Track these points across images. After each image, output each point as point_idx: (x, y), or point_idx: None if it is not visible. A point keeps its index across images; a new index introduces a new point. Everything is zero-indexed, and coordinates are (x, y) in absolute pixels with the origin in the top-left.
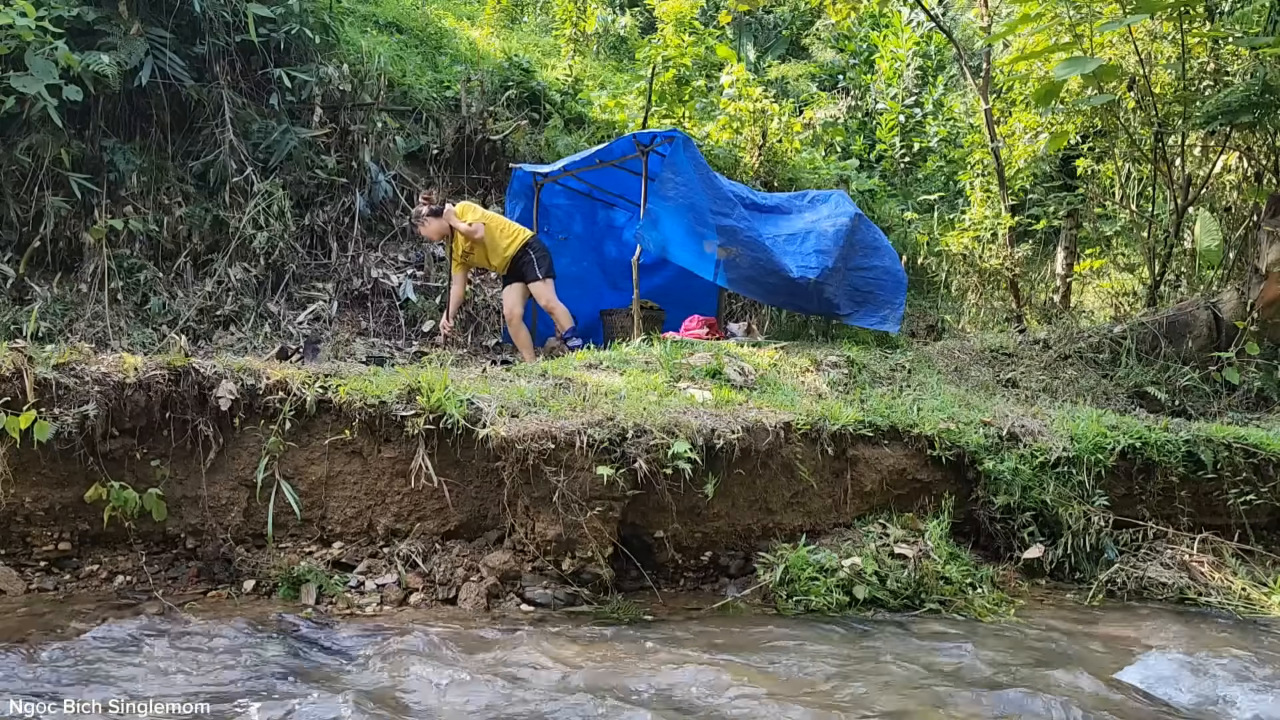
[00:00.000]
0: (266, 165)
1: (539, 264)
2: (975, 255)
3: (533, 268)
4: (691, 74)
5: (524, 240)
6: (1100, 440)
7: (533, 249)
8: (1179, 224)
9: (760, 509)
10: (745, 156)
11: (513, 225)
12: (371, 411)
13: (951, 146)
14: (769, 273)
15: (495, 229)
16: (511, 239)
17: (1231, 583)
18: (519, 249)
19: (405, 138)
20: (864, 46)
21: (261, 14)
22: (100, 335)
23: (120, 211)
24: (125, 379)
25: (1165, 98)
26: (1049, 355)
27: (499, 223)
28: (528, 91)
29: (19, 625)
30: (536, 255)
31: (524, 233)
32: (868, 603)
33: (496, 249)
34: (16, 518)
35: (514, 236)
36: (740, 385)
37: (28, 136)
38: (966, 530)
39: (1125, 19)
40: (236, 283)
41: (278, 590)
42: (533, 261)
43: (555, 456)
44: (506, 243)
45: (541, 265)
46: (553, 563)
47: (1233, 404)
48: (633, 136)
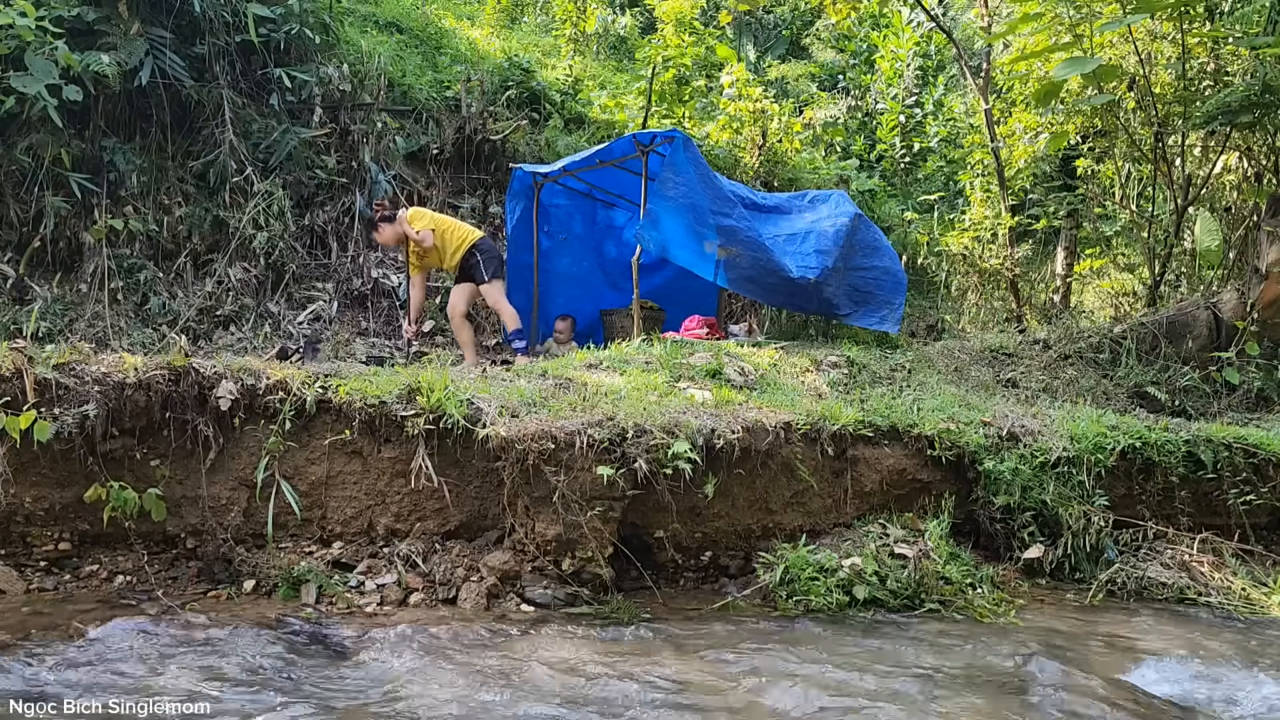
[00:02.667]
0: (266, 165)
1: (486, 265)
2: (975, 255)
3: (479, 269)
4: (691, 74)
5: (472, 242)
6: (1100, 440)
7: (480, 250)
8: (1179, 224)
9: (760, 509)
10: (745, 156)
11: (462, 227)
12: (371, 411)
13: (951, 147)
14: (769, 273)
15: (444, 232)
16: (460, 241)
17: (1231, 583)
18: (467, 251)
19: (405, 138)
20: (864, 46)
21: (261, 14)
22: (100, 335)
23: (120, 211)
24: (125, 379)
25: (1165, 98)
26: (1049, 355)
27: (448, 225)
28: (528, 91)
29: (19, 625)
30: (484, 257)
31: (473, 234)
32: (868, 603)
33: (447, 251)
34: (16, 518)
35: (463, 239)
36: (740, 385)
37: (28, 136)
38: (966, 530)
39: (1125, 19)
40: (236, 283)
41: (278, 590)
42: (479, 263)
43: (555, 456)
44: (456, 245)
45: (488, 266)
46: (553, 563)
47: (1233, 404)
48: (633, 136)
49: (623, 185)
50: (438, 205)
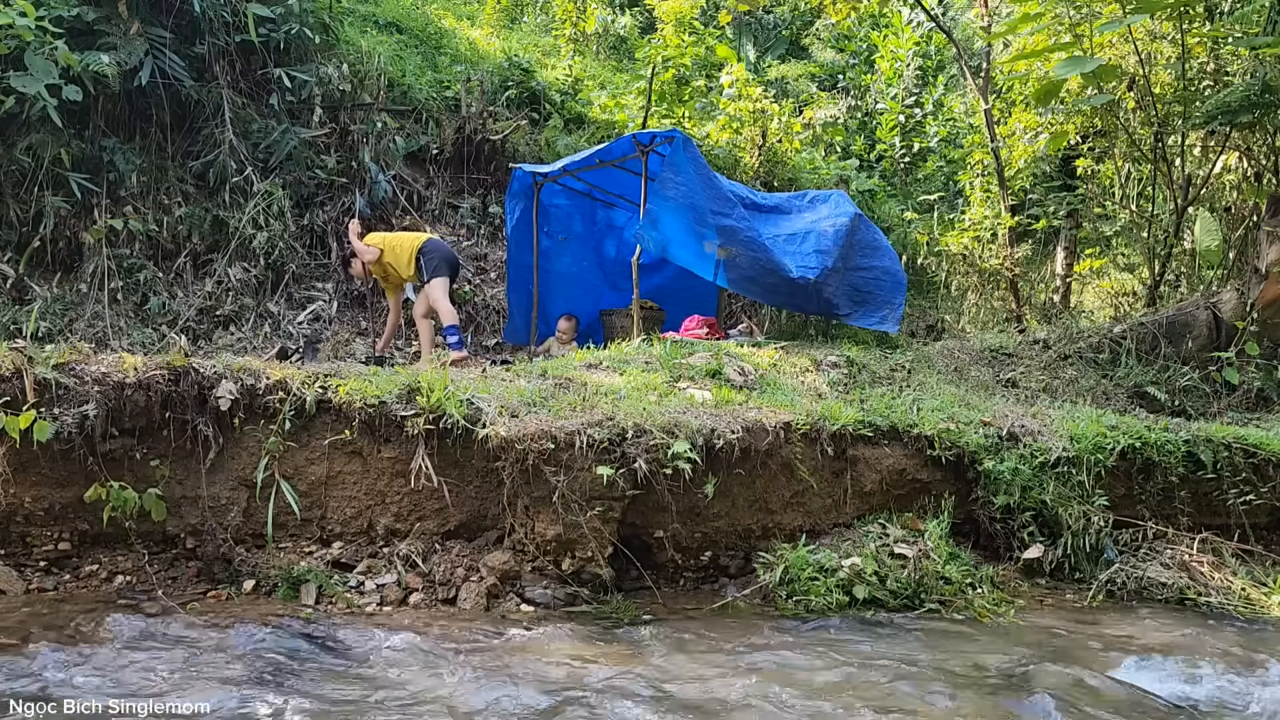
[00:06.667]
0: (266, 165)
1: (426, 265)
2: (975, 255)
3: (421, 271)
4: (691, 74)
5: (417, 247)
6: (1100, 440)
7: (423, 253)
8: (1179, 224)
9: (760, 509)
10: (745, 156)
11: (412, 236)
12: (371, 411)
13: (951, 146)
14: (769, 273)
15: (394, 247)
16: (411, 250)
17: (1231, 583)
18: (415, 255)
19: (405, 138)
20: (864, 46)
21: (261, 14)
22: (100, 335)
23: (120, 211)
24: (125, 379)
25: (1165, 98)
26: (1049, 355)
27: (398, 239)
28: (528, 91)
29: (19, 625)
30: (425, 258)
31: (420, 239)
32: (867, 603)
33: (400, 263)
34: (16, 518)
35: (412, 247)
36: (740, 385)
37: (27, 136)
38: (966, 530)
39: (1125, 19)
40: (236, 283)
41: (277, 590)
42: (421, 266)
43: (555, 456)
44: (408, 255)
45: (428, 266)
46: (553, 563)
47: (1232, 404)
48: (632, 136)
49: (623, 185)
50: (437, 205)
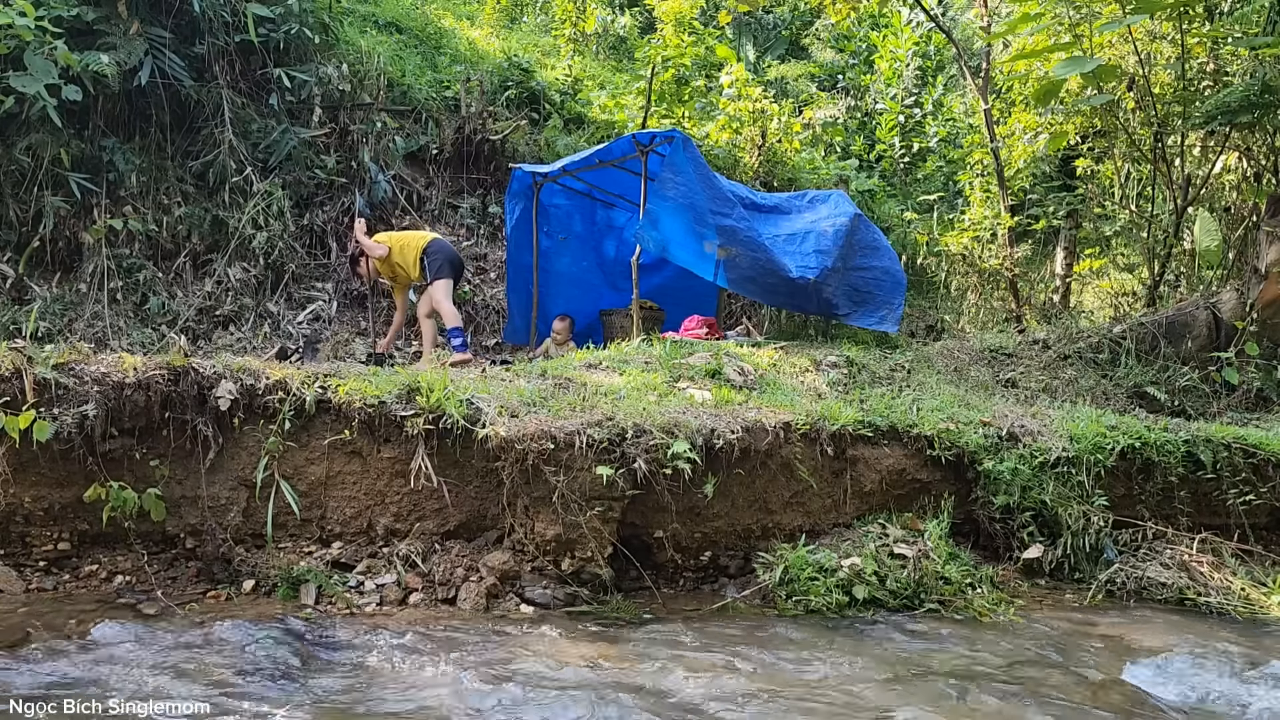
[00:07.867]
0: (266, 165)
1: (430, 266)
2: (975, 255)
3: (425, 272)
4: (691, 74)
5: (422, 246)
6: (1100, 440)
7: (426, 253)
8: (1179, 224)
9: (760, 509)
10: (745, 156)
11: (418, 236)
12: (371, 411)
13: (951, 146)
14: (768, 273)
15: (401, 247)
16: (416, 250)
17: (1231, 583)
18: (420, 255)
19: (405, 138)
20: (864, 46)
21: (261, 14)
22: (100, 335)
23: (120, 211)
24: (125, 379)
25: (1165, 98)
26: (1048, 355)
27: (405, 239)
28: (527, 91)
29: (19, 625)
30: (429, 259)
31: (425, 239)
32: (867, 603)
33: (408, 263)
34: (16, 518)
35: (418, 247)
36: (740, 385)
37: (27, 136)
38: (966, 530)
39: (1125, 19)
40: (236, 283)
41: (277, 590)
42: (425, 266)
43: (555, 456)
44: (414, 255)
45: (432, 267)
46: (552, 563)
47: (1232, 404)
48: (632, 136)
49: (622, 185)
50: (437, 205)
